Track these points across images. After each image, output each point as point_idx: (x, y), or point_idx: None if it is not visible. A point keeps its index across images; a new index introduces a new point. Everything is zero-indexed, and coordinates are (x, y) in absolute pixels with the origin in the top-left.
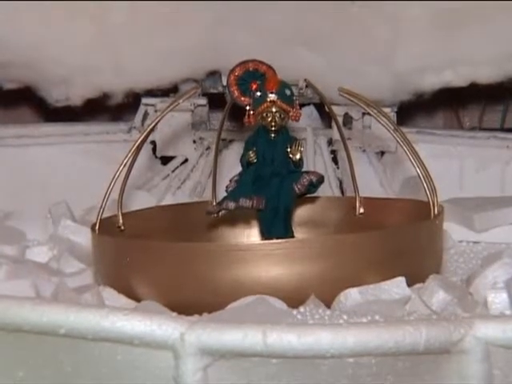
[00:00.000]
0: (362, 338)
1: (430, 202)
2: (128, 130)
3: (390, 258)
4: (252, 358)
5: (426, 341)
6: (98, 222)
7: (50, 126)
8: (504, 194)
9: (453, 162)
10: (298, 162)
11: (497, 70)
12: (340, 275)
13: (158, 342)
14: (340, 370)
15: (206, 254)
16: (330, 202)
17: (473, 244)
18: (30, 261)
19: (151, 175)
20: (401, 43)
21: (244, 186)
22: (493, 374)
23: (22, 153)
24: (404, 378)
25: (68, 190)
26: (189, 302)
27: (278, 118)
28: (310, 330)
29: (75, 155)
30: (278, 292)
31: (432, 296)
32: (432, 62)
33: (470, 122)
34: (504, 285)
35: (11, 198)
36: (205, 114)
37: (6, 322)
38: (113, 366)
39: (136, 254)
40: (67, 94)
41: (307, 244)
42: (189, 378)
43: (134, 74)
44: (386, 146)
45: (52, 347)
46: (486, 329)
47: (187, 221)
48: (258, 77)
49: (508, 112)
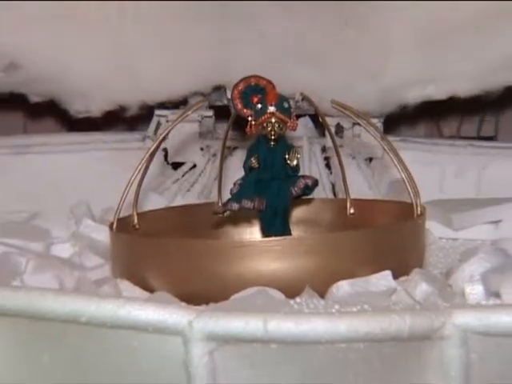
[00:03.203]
0: (353, 325)
1: (413, 204)
2: (142, 139)
3: (378, 254)
4: (253, 344)
5: (410, 328)
6: (115, 221)
7: (72, 135)
8: (480, 196)
9: (434, 168)
10: (294, 168)
11: (473, 85)
12: (332, 269)
13: (170, 329)
14: (333, 354)
15: (212, 250)
16: (323, 203)
17: (452, 241)
18: (54, 256)
19: (163, 179)
20: (388, 61)
21: (246, 189)
22: (470, 358)
23: (47, 159)
24: (390, 361)
25: (88, 192)
26: (197, 292)
27: (276, 127)
28: (306, 318)
29: (94, 161)
30: (277, 284)
31: (415, 288)
32: (415, 78)
33: (449, 131)
34: (480, 277)
35: (37, 199)
36: (211, 125)
37: (32, 311)
38: (129, 351)
39: (149, 250)
40: (87, 107)
41: (303, 241)
42: (196, 362)
43: (148, 89)
44: (373, 153)
45: (74, 334)
46: (464, 317)
47: (195, 220)
48: (258, 91)
49: (483, 122)
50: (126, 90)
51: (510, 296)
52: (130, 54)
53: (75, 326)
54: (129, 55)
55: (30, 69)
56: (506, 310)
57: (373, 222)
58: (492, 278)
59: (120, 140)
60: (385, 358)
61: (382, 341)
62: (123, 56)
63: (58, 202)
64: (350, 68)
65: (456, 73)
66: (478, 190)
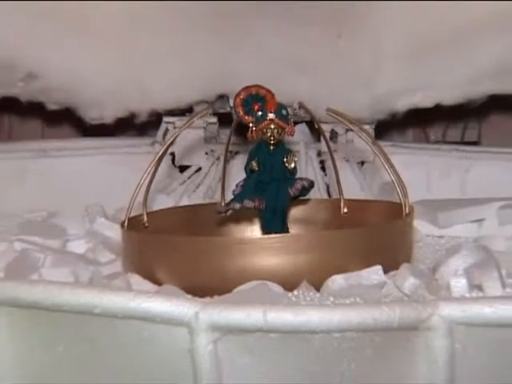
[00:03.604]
0: (346, 316)
1: (402, 203)
2: (151, 144)
3: (369, 250)
4: (254, 333)
5: (399, 319)
6: (126, 219)
7: (86, 141)
8: (463, 196)
9: (421, 170)
10: (292, 170)
11: (458, 94)
12: (327, 264)
13: (176, 320)
14: (327, 343)
15: (215, 247)
16: (319, 203)
17: (437, 238)
18: (70, 252)
19: (170, 181)
20: (378, 72)
21: (248, 190)
22: (454, 348)
23: (63, 163)
24: (381, 350)
25: (101, 193)
26: (202, 286)
27: (276, 133)
28: (303, 310)
29: (107, 164)
30: (276, 278)
31: (404, 281)
32: (404, 87)
33: (435, 136)
34: (463, 272)
35: (54, 200)
36: (215, 130)
37: (50, 303)
38: (138, 340)
39: (158, 247)
40: (101, 114)
41: (300, 238)
42: (201, 350)
43: (157, 97)
44: (365, 157)
45: (88, 325)
46: (449, 309)
47: (200, 219)
48: (259, 99)
49: (467, 128)
50: (136, 98)
51: (491, 289)
52: (140, 65)
53: (89, 317)
54: (139, 67)
55: (48, 79)
56: (488, 302)
57: (365, 220)
58: (475, 272)
59: (131, 145)
60: (376, 346)
61: (373, 330)
62: (134, 67)
63: (74, 202)
64: (343, 78)
65: (441, 82)
66: (462, 191)
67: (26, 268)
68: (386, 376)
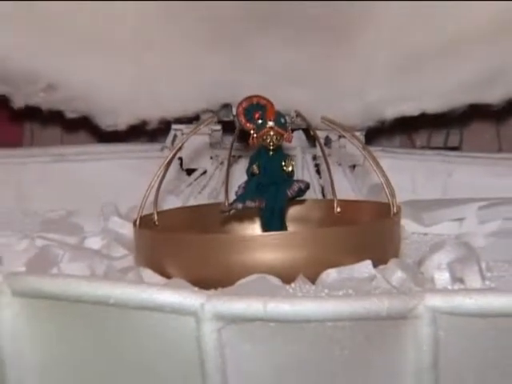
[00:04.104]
0: (339, 306)
1: (390, 204)
2: (161, 149)
3: (360, 246)
4: (255, 322)
5: (388, 309)
6: (138, 218)
7: (102, 146)
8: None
9: (407, 173)
10: (290, 173)
11: (441, 103)
12: (322, 259)
13: (184, 310)
14: (321, 332)
15: (220, 243)
16: (314, 203)
17: (422, 235)
18: (87, 248)
19: (178, 183)
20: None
21: (249, 191)
22: (438, 335)
23: (81, 166)
24: (371, 337)
25: (115, 194)
26: (207, 279)
27: (275, 139)
28: (299, 301)
29: (121, 168)
30: (275, 272)
31: (392, 275)
32: (392, 97)
33: (421, 142)
34: (446, 266)
35: (72, 200)
36: (219, 137)
37: (69, 294)
38: (149, 328)
39: (167, 243)
40: (115, 121)
41: (297, 235)
42: (207, 338)
43: (166, 106)
44: (356, 161)
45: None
46: (433, 300)
47: (206, 218)
48: (259, 108)
49: (449, 135)
50: (147, 107)
51: (471, 282)
52: (151, 77)
53: (104, 307)
54: (150, 78)
55: (67, 90)
56: (469, 293)
57: (356, 219)
58: (456, 266)
59: (142, 150)
60: (366, 334)
61: (364, 320)
62: (145, 79)
63: (90, 202)
64: (336, 89)
65: (426, 93)
66: (444, 193)
67: (47, 263)
68: (376, 361)
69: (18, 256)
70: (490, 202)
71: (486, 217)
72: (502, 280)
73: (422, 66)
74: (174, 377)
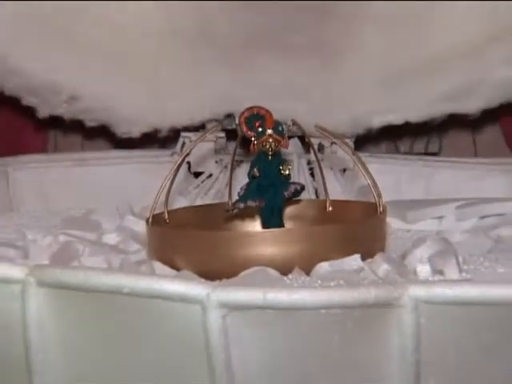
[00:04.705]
0: (331, 296)
1: (376, 203)
2: (171, 155)
3: (350, 242)
4: (255, 310)
5: (375, 298)
6: (150, 217)
7: (118, 152)
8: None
9: (392, 176)
10: (287, 176)
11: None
12: (315, 253)
13: (191, 299)
14: (315, 318)
15: (224, 239)
16: (308, 203)
17: (406, 232)
18: (104, 243)
19: (187, 185)
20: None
21: (250, 192)
22: (420, 321)
23: (99, 170)
24: (359, 323)
25: (130, 195)
26: (212, 271)
27: (273, 146)
28: (296, 290)
29: (135, 171)
30: (274, 264)
31: (378, 267)
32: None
33: (404, 148)
34: (427, 260)
35: (92, 200)
36: (223, 143)
37: (88, 284)
38: (160, 316)
39: (176, 239)
40: (130, 129)
41: (293, 232)
42: (212, 324)
43: (175, 116)
44: (346, 165)
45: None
46: (416, 290)
47: (211, 216)
48: (259, 118)
49: (430, 142)
50: (158, 117)
51: (450, 273)
52: (162, 90)
53: (120, 297)
54: (161, 91)
55: (87, 101)
56: (448, 284)
57: (346, 217)
58: (437, 260)
59: (154, 155)
60: (355, 321)
61: (353, 307)
62: (157, 92)
63: (107, 202)
64: (328, 101)
65: (409, 104)
66: (425, 193)
67: (69, 257)
68: (364, 345)
69: (43, 250)
70: (466, 202)
71: (463, 215)
72: (477, 272)
73: (405, 80)
74: (182, 358)
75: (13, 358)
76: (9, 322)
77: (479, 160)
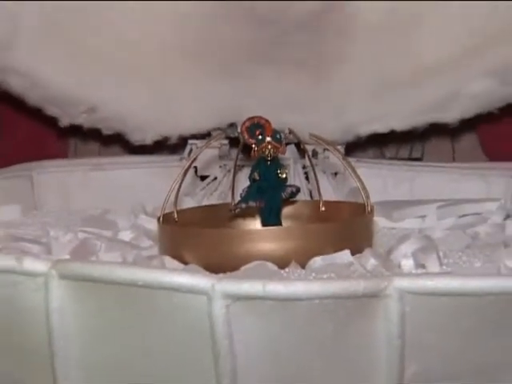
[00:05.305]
0: (324, 287)
1: (365, 204)
2: (179, 160)
3: (341, 238)
4: (256, 300)
5: (364, 289)
6: (161, 216)
7: (132, 157)
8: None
9: (379, 179)
10: (284, 179)
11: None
12: (310, 249)
13: (198, 290)
14: (310, 307)
15: (228, 236)
16: (303, 203)
17: (392, 229)
18: (120, 240)
19: (194, 187)
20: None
21: (251, 194)
22: (404, 310)
23: (115, 173)
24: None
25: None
26: (217, 265)
27: (272, 152)
28: (292, 283)
29: (147, 175)
30: (272, 259)
31: (367, 261)
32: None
33: (390, 154)
34: (411, 255)
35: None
36: (227, 150)
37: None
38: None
39: (185, 236)
40: (143, 137)
41: (290, 230)
42: (217, 313)
43: (184, 125)
44: (338, 169)
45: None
46: (401, 282)
47: (216, 216)
48: (259, 127)
49: (413, 148)
50: (168, 126)
51: (431, 267)
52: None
53: (134, 288)
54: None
55: (104, 112)
56: (429, 276)
57: (337, 216)
58: (419, 254)
59: (164, 160)
60: (346, 310)
61: (344, 298)
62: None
63: (122, 202)
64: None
65: (394, 114)
66: (409, 195)
67: (87, 252)
68: (355, 331)
69: (64, 246)
70: (446, 203)
71: (443, 214)
72: (456, 266)
73: (390, 92)
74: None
75: (37, 342)
76: (33, 311)
77: (458, 165)
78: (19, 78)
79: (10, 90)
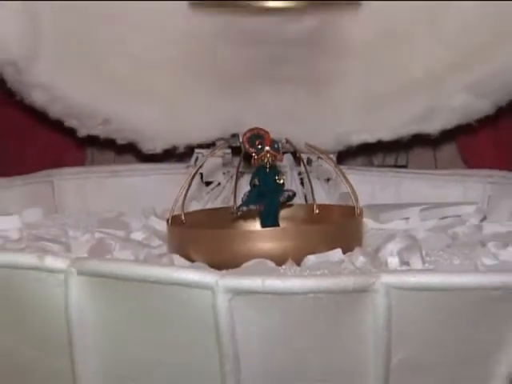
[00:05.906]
0: (317, 282)
1: (355, 207)
2: (186, 167)
3: (333, 239)
4: (256, 294)
5: (354, 284)
6: (170, 218)
7: (144, 165)
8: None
9: (367, 185)
10: (281, 185)
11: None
12: (305, 248)
13: (204, 285)
14: (304, 301)
15: (230, 236)
16: (299, 206)
17: (379, 230)
18: (132, 239)
19: (199, 192)
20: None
21: (252, 198)
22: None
23: (129, 180)
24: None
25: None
26: (221, 262)
27: (270, 160)
28: (289, 278)
29: (158, 181)
30: (271, 257)
31: (357, 259)
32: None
33: (377, 161)
34: (397, 253)
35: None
36: (230, 158)
37: (119, 274)
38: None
39: (191, 236)
40: (153, 147)
41: (287, 231)
42: (220, 306)
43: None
44: (330, 176)
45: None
46: (387, 278)
47: (220, 218)
48: (259, 137)
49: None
50: (176, 136)
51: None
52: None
53: (145, 284)
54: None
55: (118, 123)
56: (413, 273)
57: (329, 218)
58: (404, 253)
59: (173, 168)
60: (338, 304)
61: (335, 293)
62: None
63: (135, 206)
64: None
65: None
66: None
67: (103, 250)
68: (345, 324)
69: (82, 245)
70: (428, 206)
71: (426, 216)
72: (437, 263)
73: (378, 106)
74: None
75: (57, 335)
76: (54, 305)
77: (439, 172)
78: (41, 92)
79: (32, 103)
